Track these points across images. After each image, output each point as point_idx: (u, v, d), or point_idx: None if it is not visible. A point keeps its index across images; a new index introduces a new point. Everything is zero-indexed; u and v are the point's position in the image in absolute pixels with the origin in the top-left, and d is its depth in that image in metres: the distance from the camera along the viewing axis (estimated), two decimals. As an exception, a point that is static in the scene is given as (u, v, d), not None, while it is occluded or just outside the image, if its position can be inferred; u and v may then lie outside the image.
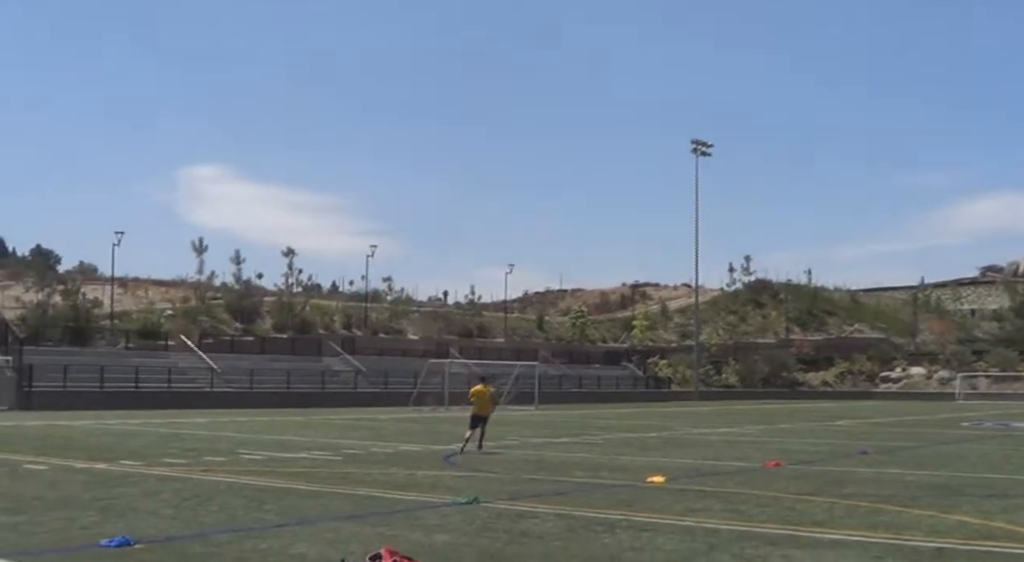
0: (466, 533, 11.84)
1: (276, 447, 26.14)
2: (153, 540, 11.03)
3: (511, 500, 15.08)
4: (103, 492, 15.63)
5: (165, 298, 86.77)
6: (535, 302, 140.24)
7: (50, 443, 26.78)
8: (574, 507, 14.31)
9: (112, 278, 78.62)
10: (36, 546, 10.69)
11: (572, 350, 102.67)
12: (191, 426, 36.24)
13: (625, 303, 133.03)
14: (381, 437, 31.13)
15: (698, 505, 14.81)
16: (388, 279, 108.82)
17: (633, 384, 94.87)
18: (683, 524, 12.83)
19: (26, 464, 20.30)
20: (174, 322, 75.58)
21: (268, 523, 12.51)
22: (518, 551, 10.67)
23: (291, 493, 15.71)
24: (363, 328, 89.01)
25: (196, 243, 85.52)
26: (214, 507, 13.93)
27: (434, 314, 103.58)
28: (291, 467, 20.40)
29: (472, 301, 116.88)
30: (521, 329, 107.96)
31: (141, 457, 22.26)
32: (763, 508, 14.56)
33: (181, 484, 16.86)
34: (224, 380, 63.29)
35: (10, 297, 77.55)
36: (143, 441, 28.03)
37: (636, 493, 16.34)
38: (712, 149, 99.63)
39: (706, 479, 19.02)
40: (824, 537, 11.94)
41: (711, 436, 34.23)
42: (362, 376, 71.96)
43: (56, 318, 68.75)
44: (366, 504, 14.55)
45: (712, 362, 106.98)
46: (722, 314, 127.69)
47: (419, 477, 18.71)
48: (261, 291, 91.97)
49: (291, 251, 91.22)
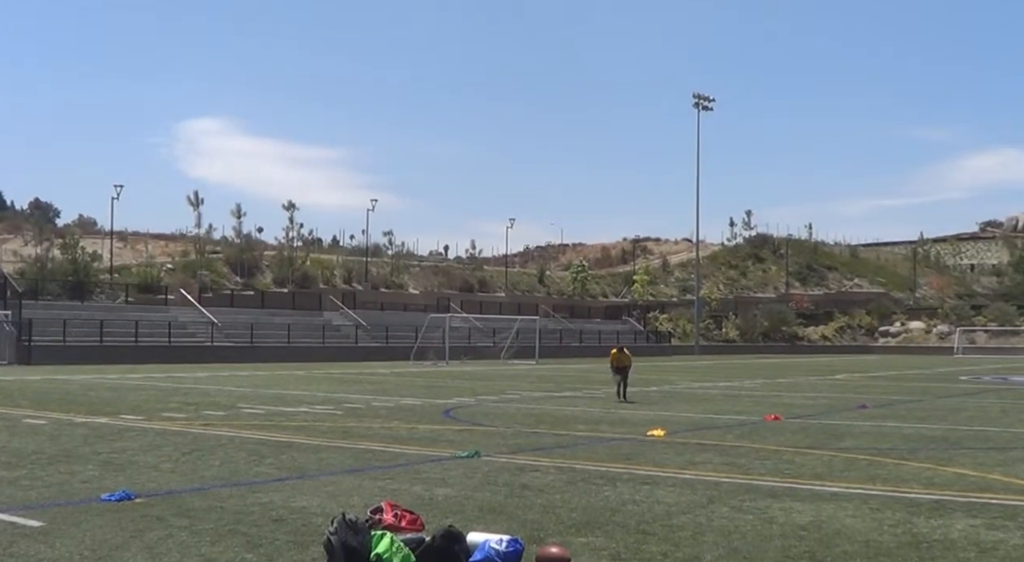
0: (467, 486, 11.85)
1: (276, 401, 26.19)
2: (154, 494, 11.05)
3: (512, 454, 15.11)
4: (103, 446, 15.65)
5: (165, 252, 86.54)
6: (536, 256, 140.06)
7: (50, 397, 26.83)
8: (575, 460, 14.34)
9: (111, 232, 78.45)
10: (37, 500, 10.70)
11: (573, 305, 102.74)
12: (191, 380, 36.32)
13: (626, 258, 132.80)
14: (382, 391, 31.18)
15: (698, 458, 14.84)
16: (389, 233, 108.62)
17: (634, 338, 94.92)
18: (683, 477, 12.85)
19: (26, 418, 20.34)
20: (174, 276, 75.46)
21: (269, 477, 12.53)
22: (519, 504, 10.68)
23: (292, 447, 15.73)
24: (364, 282, 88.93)
25: (192, 197, 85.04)
26: (215, 461, 13.95)
27: (435, 268, 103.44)
28: (292, 421, 20.45)
29: (473, 255, 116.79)
30: (522, 284, 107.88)
31: (141, 411, 22.31)
32: (763, 461, 14.59)
33: (181, 438, 16.89)
34: (224, 334, 63.37)
35: (8, 251, 77.41)
36: (143, 395, 28.08)
37: (637, 447, 16.38)
38: (714, 104, 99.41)
39: (706, 433, 19.05)
40: (823, 490, 11.96)
41: (711, 390, 34.30)
42: (363, 330, 72.03)
43: (55, 272, 68.64)
44: (367, 458, 14.58)
45: (712, 317, 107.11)
46: (722, 269, 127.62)
47: (420, 431, 18.74)
48: (261, 245, 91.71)
49: (292, 205, 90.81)
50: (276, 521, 9.56)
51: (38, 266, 69.24)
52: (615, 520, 9.81)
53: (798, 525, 9.70)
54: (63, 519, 9.59)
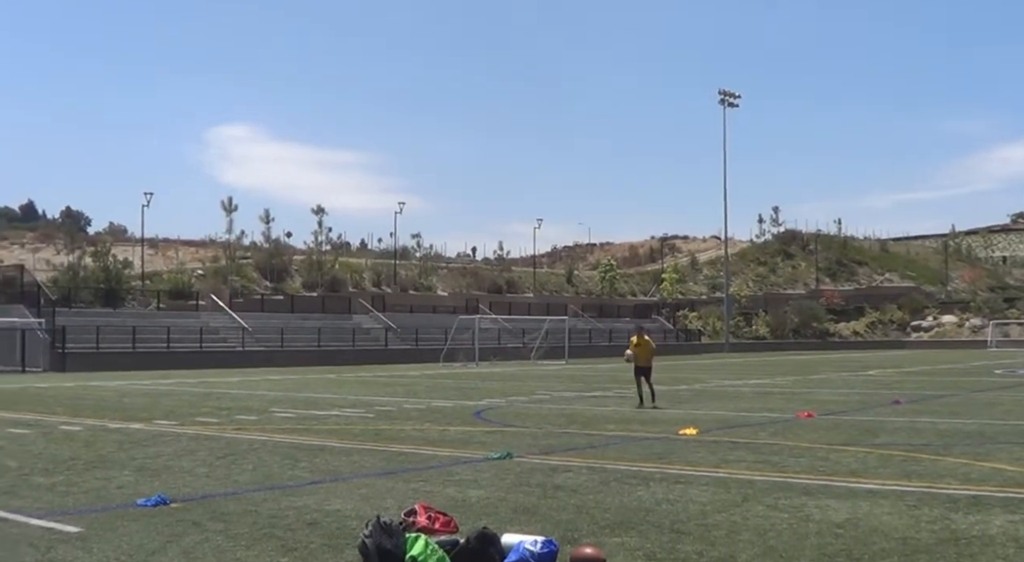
0: (500, 488, 11.85)
1: (308, 405, 26.27)
2: (189, 498, 11.10)
3: (544, 454, 15.09)
4: (138, 452, 15.74)
5: (195, 258, 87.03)
6: (564, 256, 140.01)
7: (84, 404, 27.01)
8: (607, 460, 14.31)
9: (142, 239, 78.93)
10: (74, 506, 10.77)
11: (602, 304, 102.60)
12: (223, 385, 36.48)
13: (654, 256, 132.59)
14: (413, 394, 31.22)
15: (731, 456, 14.78)
16: (417, 236, 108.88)
17: (663, 337, 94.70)
18: (717, 476, 12.80)
19: (61, 425, 20.48)
20: (204, 282, 75.89)
21: (302, 480, 12.56)
22: (552, 505, 10.66)
23: (324, 450, 15.77)
24: (392, 285, 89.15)
25: (226, 202, 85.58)
26: (248, 465, 14.01)
27: (463, 270, 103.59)
28: (324, 424, 20.50)
29: (501, 256, 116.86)
30: (550, 284, 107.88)
31: (175, 417, 22.42)
32: (797, 459, 14.51)
33: (215, 443, 16.96)
34: (255, 339, 63.63)
35: (41, 260, 78.02)
36: (176, 401, 28.23)
37: (669, 445, 16.32)
38: (740, 100, 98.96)
39: (738, 431, 18.97)
40: (859, 487, 11.88)
41: (742, 388, 34.16)
42: (392, 333, 72.15)
43: (87, 280, 69.10)
44: (399, 460, 14.60)
45: (742, 314, 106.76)
46: (752, 266, 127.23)
47: (451, 433, 18.75)
48: (291, 250, 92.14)
49: (320, 209, 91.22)
50: (310, 524, 9.58)
51: (71, 274, 69.72)
52: (649, 520, 9.78)
53: (834, 523, 9.64)
54: (100, 524, 9.64)
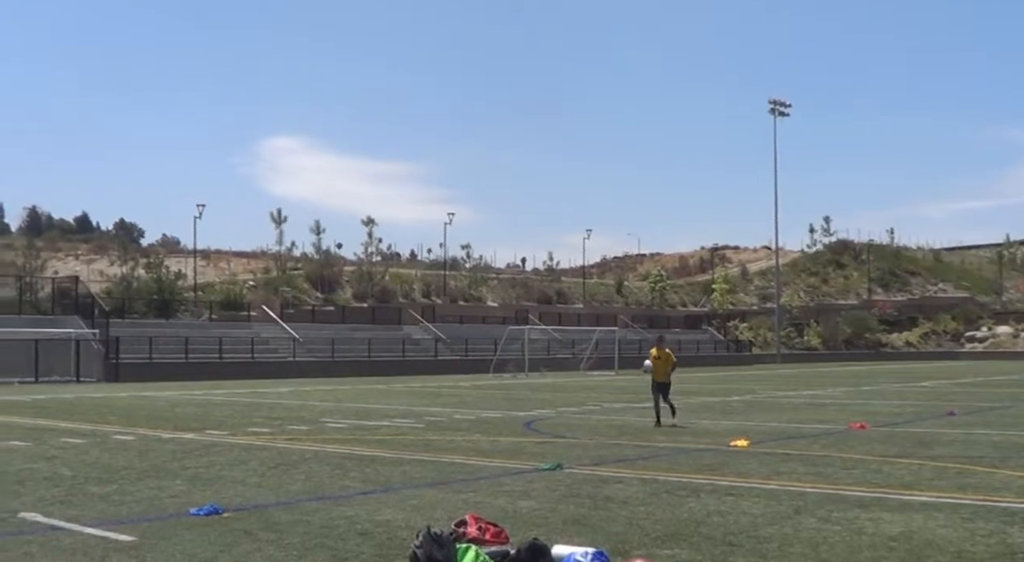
0: (551, 499, 11.83)
1: (359, 415, 26.37)
2: (241, 508, 11.18)
3: (594, 465, 15.05)
4: (191, 461, 15.88)
5: (246, 269, 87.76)
6: (613, 267, 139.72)
7: (137, 414, 27.29)
8: (658, 472, 14.25)
9: (195, 250, 79.71)
10: (127, 515, 10.87)
11: (652, 315, 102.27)
12: (275, 395, 36.72)
13: (704, 266, 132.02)
14: (462, 404, 31.27)
15: (783, 468, 14.66)
16: (466, 246, 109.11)
17: (714, 348, 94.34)
18: (768, 488, 12.71)
19: (115, 435, 20.71)
20: (256, 293, 76.50)
21: (354, 491, 12.61)
22: (603, 516, 10.63)
23: (375, 461, 15.82)
24: (442, 296, 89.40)
25: (275, 214, 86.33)
26: (300, 475, 14.08)
27: (512, 281, 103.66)
28: (374, 435, 20.57)
29: (550, 267, 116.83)
30: (600, 294, 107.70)
31: (227, 427, 22.59)
32: (849, 471, 14.37)
33: (267, 453, 17.07)
34: (306, 349, 64.02)
35: (95, 271, 78.98)
36: (228, 411, 28.45)
37: (720, 457, 16.23)
38: (790, 109, 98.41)
39: (790, 442, 18.82)
40: (913, 499, 11.75)
41: (794, 399, 33.90)
42: (442, 344, 72.34)
43: (140, 291, 69.88)
44: (450, 471, 14.62)
45: (793, 324, 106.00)
46: (803, 276, 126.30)
47: (502, 443, 18.75)
48: (341, 261, 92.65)
49: (371, 220, 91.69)
50: (361, 534, 9.62)
51: (124, 285, 70.56)
52: (700, 532, 9.72)
53: (888, 536, 9.54)
54: (153, 533, 9.73)
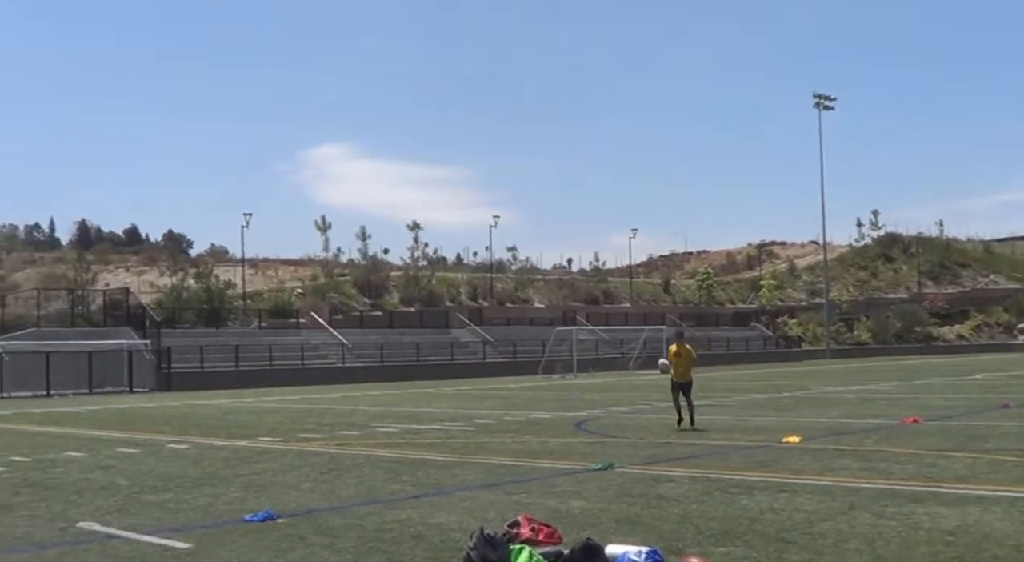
0: (602, 499, 11.82)
1: (409, 419, 26.46)
2: (295, 514, 11.25)
3: (645, 464, 15.02)
4: (244, 468, 16.01)
5: (294, 277, 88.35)
6: (660, 266, 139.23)
7: (190, 422, 27.54)
8: (710, 469, 14.20)
9: (243, 259, 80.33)
10: (183, 522, 10.99)
11: (700, 312, 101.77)
12: (325, 401, 36.92)
13: (752, 263, 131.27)
14: (512, 406, 31.29)
15: (836, 464, 14.57)
16: (512, 249, 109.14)
17: (763, 344, 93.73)
18: (822, 484, 12.63)
19: (169, 443, 20.90)
20: (304, 300, 76.94)
21: (406, 494, 12.66)
22: (656, 515, 10.61)
23: (426, 464, 15.88)
24: (489, 298, 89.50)
25: (320, 221, 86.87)
26: (352, 480, 14.16)
27: (559, 282, 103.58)
28: (425, 438, 20.63)
29: (597, 267, 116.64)
30: (647, 293, 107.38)
31: (279, 433, 22.75)
32: (903, 465, 14.26)
33: (319, 458, 17.17)
34: (355, 355, 64.31)
35: (145, 282, 79.81)
36: (280, 417, 28.65)
37: (772, 454, 16.15)
38: (835, 103, 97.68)
39: (842, 438, 18.68)
40: (969, 493, 11.63)
41: (845, 394, 33.65)
42: (490, 346, 72.41)
43: (190, 300, 70.47)
44: (501, 473, 14.64)
45: (843, 319, 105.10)
46: (851, 270, 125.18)
47: (552, 444, 18.75)
48: (387, 266, 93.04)
49: (416, 225, 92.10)
50: (415, 537, 9.66)
51: (174, 295, 71.21)
52: (754, 529, 9.68)
53: (944, 530, 9.45)
54: (209, 540, 9.83)
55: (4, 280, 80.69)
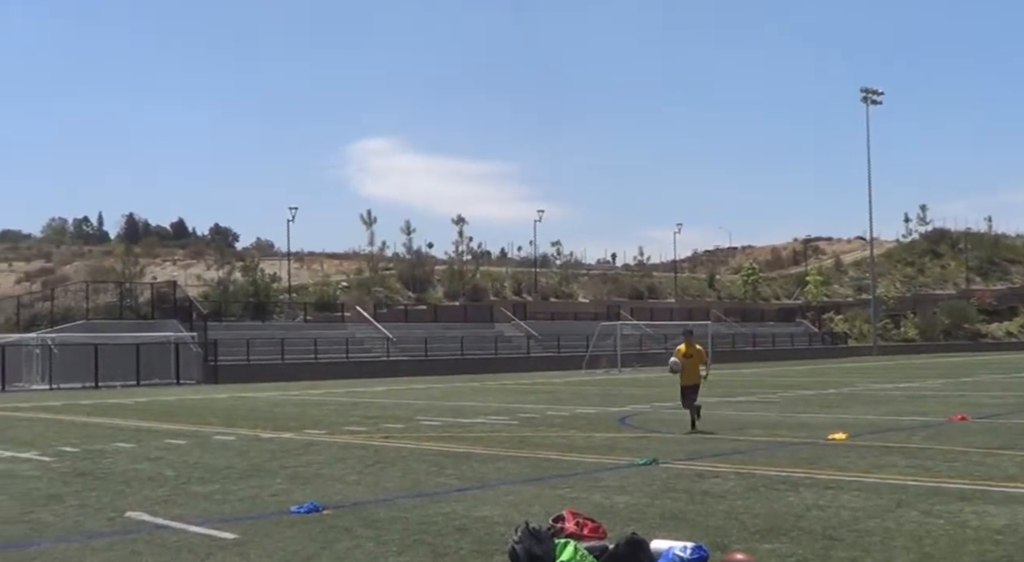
0: (647, 494, 11.80)
1: (453, 413, 26.53)
2: (340, 505, 11.31)
3: (690, 460, 14.97)
4: (290, 460, 16.11)
5: (339, 271, 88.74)
6: (705, 261, 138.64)
7: (237, 414, 27.75)
8: (755, 466, 14.14)
9: (288, 253, 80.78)
10: (230, 513, 11.08)
11: (744, 308, 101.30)
12: (370, 394, 37.08)
13: (797, 258, 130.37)
14: (556, 401, 31.28)
15: (883, 461, 14.45)
16: (556, 243, 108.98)
17: (808, 341, 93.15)
18: (868, 481, 12.53)
19: (216, 435, 21.08)
20: (349, 294, 77.31)
21: (450, 487, 12.70)
22: (700, 510, 10.58)
23: (470, 457, 15.92)
24: (533, 293, 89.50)
25: (365, 215, 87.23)
26: (397, 472, 14.21)
27: (603, 277, 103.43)
28: (469, 432, 20.67)
29: (641, 262, 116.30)
30: (692, 289, 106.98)
31: (324, 426, 22.87)
32: (951, 463, 14.12)
33: (364, 451, 17.25)
34: (400, 349, 64.56)
35: (192, 275, 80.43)
36: (325, 410, 28.81)
37: (818, 451, 16.04)
38: (883, 97, 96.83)
39: (889, 435, 18.53)
40: (1018, 492, 11.52)
41: (892, 391, 33.36)
42: (534, 341, 72.44)
43: (237, 294, 70.99)
44: (545, 467, 14.65)
45: (890, 316, 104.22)
46: (899, 266, 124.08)
47: (596, 439, 18.74)
48: (432, 260, 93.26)
49: (461, 219, 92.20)
50: (459, 530, 9.69)
51: (221, 289, 71.73)
52: (800, 526, 9.63)
53: (993, 529, 9.35)
54: (256, 531, 9.90)
55: (54, 273, 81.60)
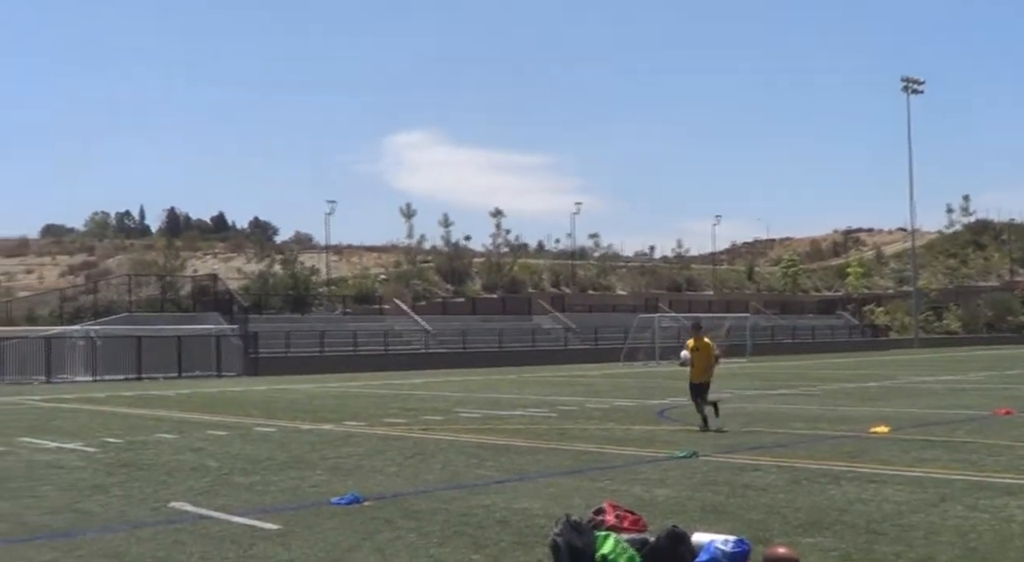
0: (687, 486, 11.76)
1: (492, 405, 26.55)
2: (381, 497, 11.35)
3: (730, 453, 14.91)
4: (330, 452, 16.18)
5: (378, 263, 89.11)
6: (743, 253, 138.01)
7: (277, 406, 27.90)
8: (796, 459, 14.05)
9: (327, 246, 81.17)
10: (271, 504, 11.14)
11: (784, 300, 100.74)
12: (408, 386, 37.17)
13: (837, 250, 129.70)
14: (594, 393, 31.25)
15: (926, 455, 14.32)
16: (595, 235, 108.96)
17: (848, 333, 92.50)
18: (912, 475, 12.43)
19: (257, 427, 21.20)
20: (387, 286, 77.51)
21: (490, 479, 12.71)
22: (741, 504, 10.52)
23: (510, 450, 15.92)
24: (571, 285, 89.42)
25: (404, 208, 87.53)
26: (436, 464, 14.24)
27: (641, 269, 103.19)
28: (508, 424, 20.68)
29: (679, 254, 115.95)
30: (730, 281, 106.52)
31: (363, 418, 22.95)
32: (996, 458, 13.98)
33: (403, 443, 17.30)
34: (438, 341, 64.67)
35: (232, 268, 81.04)
36: (364, 402, 28.91)
37: (860, 444, 15.92)
38: (924, 86, 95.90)
39: (932, 428, 18.37)
40: (1065, 486, 11.39)
41: (934, 384, 33.07)
42: (572, 333, 72.36)
43: (276, 287, 71.33)
44: (584, 459, 14.63)
45: (932, 308, 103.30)
46: (940, 257, 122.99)
47: (635, 432, 18.69)
48: (470, 253, 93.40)
49: (499, 212, 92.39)
50: (500, 522, 9.69)
51: (260, 282, 72.14)
52: (843, 520, 9.56)
53: (1039, 523, 9.26)
54: (297, 522, 9.95)
55: (97, 266, 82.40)
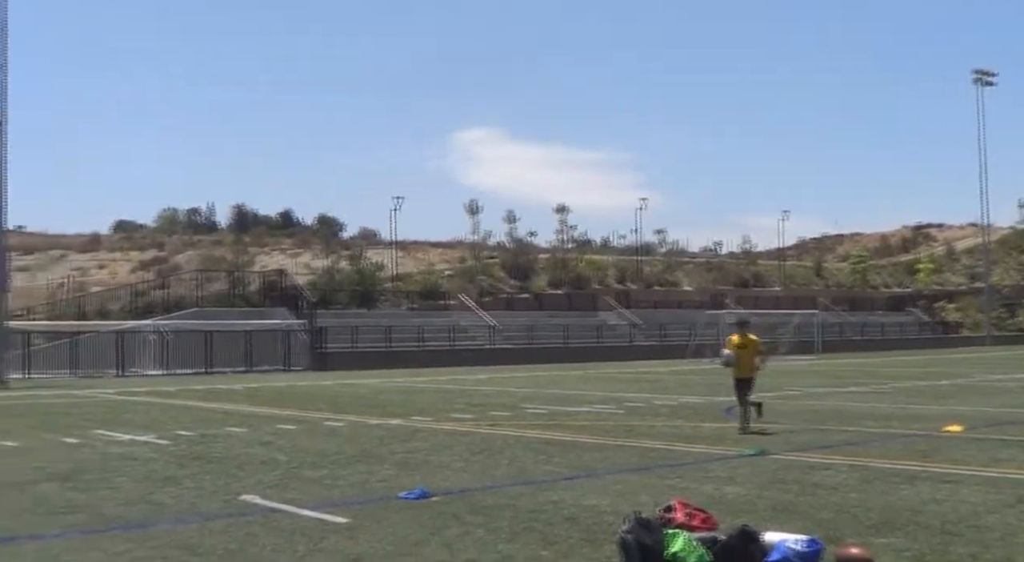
0: (757, 485, 11.65)
1: (558, 401, 26.52)
2: (449, 492, 11.37)
3: (799, 451, 14.75)
4: (398, 446, 16.25)
5: (443, 260, 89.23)
6: (811, 249, 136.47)
7: (344, 401, 28.10)
8: (867, 458, 13.86)
9: (393, 242, 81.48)
10: (340, 498, 11.21)
11: (853, 296, 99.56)
12: (474, 382, 37.26)
13: (907, 246, 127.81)
14: (662, 390, 31.10)
15: (1002, 455, 14.07)
16: (660, 231, 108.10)
17: (919, 330, 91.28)
18: (987, 475, 12.22)
19: (325, 421, 21.36)
20: (453, 282, 77.69)
21: (558, 476, 12.68)
22: (812, 503, 10.40)
23: (577, 446, 15.89)
24: (637, 281, 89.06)
25: (470, 205, 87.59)
26: (504, 460, 14.25)
27: (707, 265, 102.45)
28: (575, 420, 20.65)
29: (746, 250, 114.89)
30: (798, 277, 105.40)
31: (430, 413, 23.04)
32: (1074, 458, 13.71)
33: (470, 438, 17.33)
34: (503, 337, 64.78)
35: (300, 264, 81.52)
36: (430, 398, 29.02)
37: (933, 443, 15.69)
38: (996, 78, 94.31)
39: (1008, 428, 18.06)
40: None
41: (1008, 383, 32.53)
42: (638, 329, 72.13)
43: (343, 282, 71.75)
44: (652, 456, 14.56)
45: (1005, 305, 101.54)
46: (1014, 253, 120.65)
47: (704, 429, 18.58)
48: (535, 249, 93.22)
49: (563, 208, 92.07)
50: (568, 519, 9.66)
51: (327, 277, 72.63)
52: (916, 520, 9.41)
53: (1121, 525, 9.05)
54: (366, 516, 10.00)
55: (167, 262, 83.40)
